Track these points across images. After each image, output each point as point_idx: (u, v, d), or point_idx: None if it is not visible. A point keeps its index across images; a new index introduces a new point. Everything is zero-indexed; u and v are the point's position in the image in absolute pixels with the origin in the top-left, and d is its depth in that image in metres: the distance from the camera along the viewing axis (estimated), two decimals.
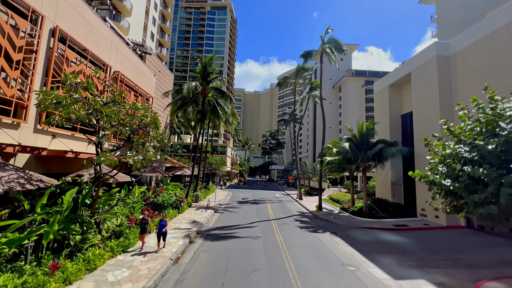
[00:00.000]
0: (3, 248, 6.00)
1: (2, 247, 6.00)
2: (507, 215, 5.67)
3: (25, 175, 7.83)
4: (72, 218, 8.18)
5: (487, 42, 15.32)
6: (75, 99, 8.83)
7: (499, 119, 6.32)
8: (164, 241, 10.47)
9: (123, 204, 12.44)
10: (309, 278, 8.59)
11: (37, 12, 10.44)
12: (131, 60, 19.08)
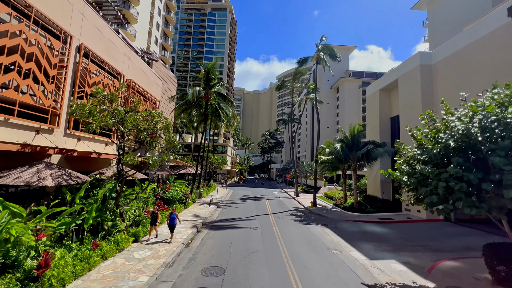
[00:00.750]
0: (60, 228, 7.75)
1: (60, 228, 7.75)
2: (443, 203, 7.43)
3: (66, 173, 9.59)
4: (103, 209, 9.93)
5: (462, 54, 17.08)
6: (103, 109, 10.58)
7: (445, 128, 8.07)
8: (172, 233, 11.83)
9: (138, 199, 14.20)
10: (298, 258, 10.39)
11: (66, 32, 12.15)
12: (140, 68, 20.78)
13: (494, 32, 14.81)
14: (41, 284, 6.17)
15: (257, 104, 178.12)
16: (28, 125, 10.34)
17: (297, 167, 40.49)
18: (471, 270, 9.46)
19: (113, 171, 12.64)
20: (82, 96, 13.47)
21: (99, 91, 10.54)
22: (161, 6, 40.30)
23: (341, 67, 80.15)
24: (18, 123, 9.88)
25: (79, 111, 10.06)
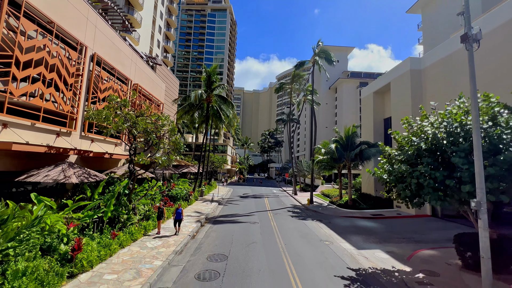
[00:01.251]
0: (85, 219, 8.94)
1: (85, 219, 8.93)
2: (416, 197, 8.63)
3: (85, 172, 10.78)
4: (118, 204, 11.12)
5: (448, 60, 18.27)
6: (117, 114, 11.76)
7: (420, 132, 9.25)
8: (179, 227, 13.07)
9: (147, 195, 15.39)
10: (293, 247, 11.60)
11: (82, 43, 13.30)
12: (145, 72, 21.92)
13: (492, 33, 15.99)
14: (74, 265, 7.37)
15: (256, 104, 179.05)
16: (50, 129, 11.52)
17: (295, 166, 41.72)
18: (444, 257, 10.68)
19: (125, 169, 13.83)
20: (95, 101, 14.64)
21: (114, 98, 11.71)
22: (163, 10, 41.40)
23: (339, 68, 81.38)
24: (43, 127, 11.06)
25: (97, 116, 11.24)
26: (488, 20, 15.19)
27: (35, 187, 10.86)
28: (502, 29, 14.32)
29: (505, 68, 13.92)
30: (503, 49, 14.13)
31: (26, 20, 9.98)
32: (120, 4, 29.17)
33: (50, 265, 6.71)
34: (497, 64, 14.34)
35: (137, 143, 12.49)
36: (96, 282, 7.13)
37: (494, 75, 14.27)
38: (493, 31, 14.72)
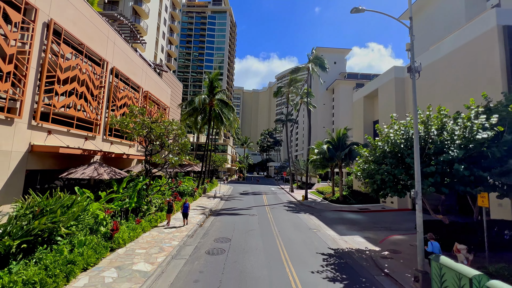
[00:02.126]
0: (117, 208, 11.10)
1: (116, 207, 11.09)
2: (381, 190, 10.81)
3: (112, 170, 12.94)
4: (139, 197, 13.28)
5: (427, 70, 20.38)
6: (136, 122, 13.90)
7: (387, 138, 11.40)
8: (186, 219, 15.16)
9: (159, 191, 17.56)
10: (285, 234, 13.78)
11: (104, 59, 15.41)
12: (154, 80, 24.02)
13: (450, 54, 18.14)
14: (113, 241, 9.54)
15: (256, 103, 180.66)
16: (81, 134, 13.66)
17: (292, 165, 43.89)
18: (410, 240, 12.90)
19: (141, 168, 15.99)
20: (114, 109, 16.77)
21: (133, 107, 13.85)
22: (167, 17, 43.36)
23: (337, 69, 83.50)
24: (75, 132, 13.20)
25: (120, 123, 13.38)
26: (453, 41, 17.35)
27: (70, 181, 13.01)
28: (463, 49, 16.48)
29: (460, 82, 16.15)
30: (458, 68, 16.30)
31: (64, 45, 12.10)
32: (127, 14, 31.21)
33: (97, 240, 8.86)
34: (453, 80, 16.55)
35: (153, 146, 14.62)
36: (131, 254, 9.31)
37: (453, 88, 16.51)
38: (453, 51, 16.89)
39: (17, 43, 9.70)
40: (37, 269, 6.15)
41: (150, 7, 35.78)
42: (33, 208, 7.08)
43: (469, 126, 9.63)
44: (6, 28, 9.19)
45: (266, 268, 8.91)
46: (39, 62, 10.87)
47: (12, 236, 6.13)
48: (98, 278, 7.28)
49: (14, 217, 6.55)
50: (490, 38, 15.05)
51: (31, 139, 10.62)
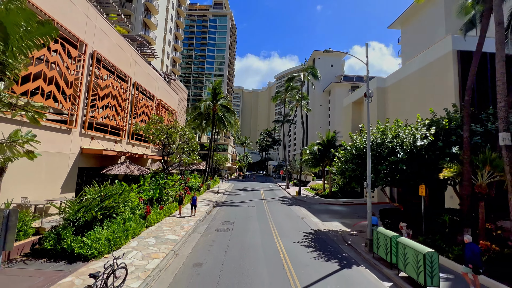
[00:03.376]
0: (146, 197, 14.35)
1: (146, 196, 14.33)
2: (348, 184, 14.05)
3: (139, 168, 16.18)
4: (160, 189, 16.52)
5: (400, 83, 23.64)
6: (157, 129, 17.14)
7: (355, 144, 14.64)
8: (195, 210, 18.32)
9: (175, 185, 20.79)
10: (277, 220, 17.04)
11: (128, 76, 18.60)
12: (165, 89, 27.21)
13: (417, 72, 21.35)
14: (147, 221, 12.78)
15: (255, 103, 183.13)
16: (112, 138, 16.88)
17: (289, 164, 47.14)
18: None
19: (158, 166, 19.23)
20: (135, 116, 19.97)
21: (154, 117, 17.07)
22: (172, 25, 46.40)
23: (333, 72, 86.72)
24: (109, 137, 16.43)
25: (144, 130, 16.61)
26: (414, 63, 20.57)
27: (104, 176, 16.26)
28: (427, 68, 19.69)
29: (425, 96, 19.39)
30: (424, 84, 19.52)
31: (102, 69, 15.30)
32: (138, 26, 34.31)
33: (138, 219, 12.10)
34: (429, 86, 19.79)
35: (170, 148, 17.85)
36: (160, 230, 12.57)
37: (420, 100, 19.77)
38: (420, 69, 20.13)
39: (74, 72, 12.91)
40: (109, 232, 9.39)
41: (158, 18, 38.90)
42: (100, 193, 10.29)
43: (413, 135, 12.90)
44: (69, 62, 12.40)
45: (260, 240, 12.18)
46: (86, 84, 14.08)
47: (92, 210, 9.35)
48: (143, 242, 10.54)
49: (92, 199, 9.77)
50: (447, 60, 18.28)
51: (81, 144, 13.84)
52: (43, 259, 8.20)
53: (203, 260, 9.28)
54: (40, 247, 8.52)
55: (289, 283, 7.74)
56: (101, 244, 8.68)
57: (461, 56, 17.83)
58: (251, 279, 7.92)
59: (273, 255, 10.11)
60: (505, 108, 8.56)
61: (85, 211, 9.33)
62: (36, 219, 10.06)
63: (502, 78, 8.69)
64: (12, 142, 5.80)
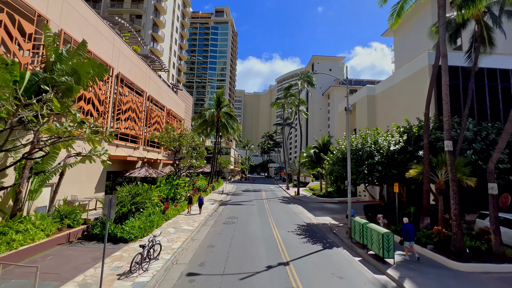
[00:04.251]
0: (163, 195, 16.86)
1: (163, 195, 16.85)
2: (334, 183, 16.43)
3: (156, 171, 18.75)
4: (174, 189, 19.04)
5: (387, 92, 26.06)
6: (170, 137, 19.73)
7: (341, 148, 17.06)
8: (201, 209, 20.77)
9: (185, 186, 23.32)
10: (276, 215, 19.47)
11: (144, 90, 21.25)
12: (173, 98, 29.88)
13: (402, 82, 23.78)
14: (165, 214, 15.30)
15: (257, 105, 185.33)
16: (131, 146, 19.49)
17: (289, 166, 49.51)
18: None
19: (170, 169, 21.79)
20: (149, 126, 22.60)
21: (168, 127, 19.67)
22: (177, 37, 49.33)
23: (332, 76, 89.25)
24: (129, 145, 19.04)
25: (159, 138, 19.22)
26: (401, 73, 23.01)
27: (125, 178, 18.82)
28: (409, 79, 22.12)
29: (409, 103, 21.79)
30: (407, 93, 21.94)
31: (124, 87, 17.95)
32: (147, 40, 37.16)
33: (159, 213, 14.62)
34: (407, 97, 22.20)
35: (181, 154, 20.40)
36: (177, 222, 15.07)
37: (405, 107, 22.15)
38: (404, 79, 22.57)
39: (104, 92, 15.56)
40: (140, 222, 11.91)
41: (164, 32, 41.78)
42: (130, 192, 12.84)
43: (388, 141, 15.35)
44: (101, 84, 15.05)
45: (260, 230, 14.63)
46: (112, 101, 16.72)
47: (127, 204, 11.90)
48: (165, 231, 13.04)
49: (125, 196, 12.31)
50: (424, 73, 20.71)
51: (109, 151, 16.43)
52: (93, 241, 10.73)
53: (215, 243, 11.76)
54: (90, 233, 11.07)
55: (281, 258, 10.19)
56: (136, 231, 11.21)
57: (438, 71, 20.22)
58: (252, 255, 10.38)
59: (270, 240, 12.57)
60: (448, 122, 10.99)
61: (122, 205, 11.89)
62: (82, 213, 12.64)
63: (446, 98, 11.15)
64: (93, 154, 8.39)
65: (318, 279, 8.29)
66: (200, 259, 9.77)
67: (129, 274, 7.78)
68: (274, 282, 7.94)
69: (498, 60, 20.41)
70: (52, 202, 11.45)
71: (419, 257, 10.20)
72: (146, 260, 8.44)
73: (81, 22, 13.65)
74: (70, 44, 12.29)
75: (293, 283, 7.91)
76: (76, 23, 13.26)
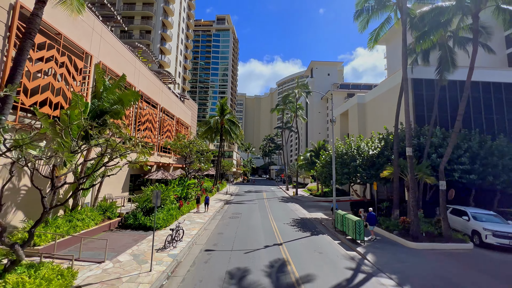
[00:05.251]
0: (177, 194, 19.71)
1: (177, 193, 19.70)
2: (325, 182, 19.18)
3: (170, 174, 21.67)
4: (185, 189, 21.91)
5: (373, 101, 28.86)
6: (181, 144, 22.67)
7: (329, 153, 19.81)
8: (207, 207, 23.63)
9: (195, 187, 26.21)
10: (275, 212, 22.26)
11: (158, 103, 24.24)
12: (181, 107, 32.89)
13: (385, 92, 26.58)
14: (180, 210, 18.17)
15: (258, 109, 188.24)
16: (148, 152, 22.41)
17: (288, 168, 52.27)
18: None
19: (181, 172, 24.71)
20: (162, 133, 25.56)
21: (180, 135, 22.61)
22: (182, 48, 52.61)
23: (331, 80, 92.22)
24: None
25: (173, 146, 22.16)
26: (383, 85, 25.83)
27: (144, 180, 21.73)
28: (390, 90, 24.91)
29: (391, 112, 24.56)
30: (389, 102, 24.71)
31: (144, 102, 20.94)
32: (156, 53, 40.32)
33: (175, 209, 17.49)
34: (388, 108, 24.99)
35: (191, 159, 23.28)
36: (190, 217, 17.92)
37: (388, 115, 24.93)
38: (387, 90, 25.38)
39: None
40: (162, 215, 14.77)
41: (171, 45, 45.02)
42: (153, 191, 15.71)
43: (369, 147, 18.17)
44: None
45: (261, 223, 17.42)
46: (134, 115, 19.70)
47: (148, 203, 14.81)
48: (183, 223, 15.87)
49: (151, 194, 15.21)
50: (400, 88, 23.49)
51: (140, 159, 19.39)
52: (128, 229, 13.61)
53: (223, 232, 14.59)
54: (124, 223, 13.95)
55: (276, 241, 12.99)
56: (161, 221, 14.08)
57: (414, 84, 23.08)
58: (254, 239, 13.20)
59: (268, 230, 15.38)
60: (409, 132, 13.80)
61: (149, 201, 14.79)
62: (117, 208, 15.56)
63: (407, 114, 13.96)
64: (138, 162, 11.31)
65: (302, 253, 11.10)
66: (213, 241, 12.62)
67: (163, 249, 10.65)
68: (269, 255, 10.76)
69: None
70: (96, 199, 14.36)
71: (381, 239, 13.04)
72: (174, 240, 11.31)
73: (112, 52, 16.67)
74: (106, 72, 15.31)
75: (284, 255, 10.73)
76: (109, 54, 16.26)
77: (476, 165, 16.63)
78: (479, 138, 18.11)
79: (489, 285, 8.36)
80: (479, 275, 9.12)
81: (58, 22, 11.59)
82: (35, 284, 5.98)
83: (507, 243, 11.74)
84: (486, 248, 12.18)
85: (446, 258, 10.74)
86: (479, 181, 16.93)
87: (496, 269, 9.75)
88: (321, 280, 8.38)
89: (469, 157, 16.80)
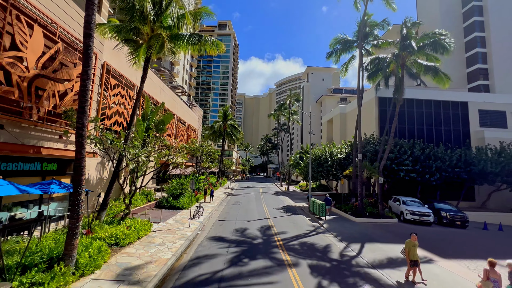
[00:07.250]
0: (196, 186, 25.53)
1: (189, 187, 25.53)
2: (305, 178, 24.98)
3: (185, 171, 27.49)
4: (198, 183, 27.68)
5: (352, 112, 34.72)
6: (193, 147, 28.49)
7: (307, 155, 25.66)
8: (212, 198, 29.39)
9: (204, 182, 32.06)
10: (267, 201, 28.15)
11: (174, 114, 29.98)
12: (190, 114, 38.62)
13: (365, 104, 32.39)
14: (196, 199, 24.02)
15: (257, 108, 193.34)
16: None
17: (283, 167, 58.23)
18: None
19: (192, 169, 30.57)
20: (177, 137, 31.32)
21: (192, 140, 28.41)
22: (188, 57, 58.11)
23: (325, 85, 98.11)
24: None
25: (187, 148, 27.98)
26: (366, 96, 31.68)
27: (163, 175, 27.50)
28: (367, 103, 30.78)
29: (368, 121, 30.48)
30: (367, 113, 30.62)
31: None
32: (167, 65, 45.90)
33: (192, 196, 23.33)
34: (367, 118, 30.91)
35: (201, 159, 29.04)
36: (203, 203, 23.78)
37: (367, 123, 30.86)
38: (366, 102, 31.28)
39: None
40: (185, 199, 20.60)
41: (180, 56, 50.51)
42: (178, 183, 21.49)
43: (339, 151, 24.11)
44: None
45: (256, 208, 23.29)
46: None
47: (178, 189, 20.59)
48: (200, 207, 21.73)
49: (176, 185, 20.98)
50: (371, 103, 29.38)
51: None
52: (162, 209, 19.41)
53: (229, 212, 20.47)
54: (159, 205, 19.78)
55: (266, 217, 18.87)
56: (185, 204, 19.93)
57: (379, 101, 28.98)
58: (250, 216, 19.06)
59: (261, 212, 21.27)
60: (359, 143, 19.67)
61: (175, 190, 20.63)
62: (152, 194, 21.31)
63: (359, 131, 19.83)
64: (177, 162, 17.14)
65: (282, 223, 17.01)
66: (223, 217, 18.49)
67: (192, 218, 16.50)
68: (260, 223, 16.66)
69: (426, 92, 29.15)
70: (141, 188, 20.13)
71: (338, 217, 18.96)
72: (198, 214, 17.16)
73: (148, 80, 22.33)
74: (144, 95, 21.08)
75: (270, 223, 16.64)
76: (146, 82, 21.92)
77: (417, 166, 22.63)
78: (422, 146, 24.13)
79: (386, 236, 14.31)
80: (385, 233, 15.08)
81: (122, 68, 17.33)
82: (139, 224, 11.82)
83: (417, 218, 17.75)
84: (405, 222, 18.18)
85: (374, 227, 16.69)
86: (419, 179, 22.93)
87: (398, 231, 15.71)
88: (289, 234, 14.29)
89: (412, 160, 22.80)
